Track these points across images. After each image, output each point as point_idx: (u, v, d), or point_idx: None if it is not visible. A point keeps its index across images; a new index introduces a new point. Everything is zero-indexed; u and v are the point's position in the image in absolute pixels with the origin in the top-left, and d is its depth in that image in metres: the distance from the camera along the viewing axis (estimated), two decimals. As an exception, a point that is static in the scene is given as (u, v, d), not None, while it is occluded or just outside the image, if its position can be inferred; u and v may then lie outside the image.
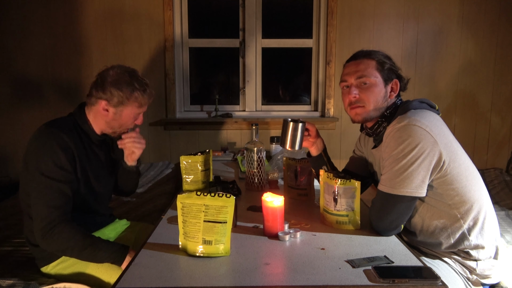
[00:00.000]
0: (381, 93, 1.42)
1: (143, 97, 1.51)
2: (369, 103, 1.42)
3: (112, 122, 1.54)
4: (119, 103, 1.49)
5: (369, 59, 1.43)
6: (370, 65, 1.42)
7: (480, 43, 3.31)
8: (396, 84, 1.44)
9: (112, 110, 1.50)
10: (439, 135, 1.28)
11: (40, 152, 1.41)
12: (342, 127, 3.39)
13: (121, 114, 1.52)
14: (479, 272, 1.35)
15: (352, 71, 1.44)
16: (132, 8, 3.21)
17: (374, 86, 1.41)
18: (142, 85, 1.50)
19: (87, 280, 1.48)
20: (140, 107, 1.54)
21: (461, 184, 1.31)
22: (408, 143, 1.25)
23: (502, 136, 3.43)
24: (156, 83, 3.28)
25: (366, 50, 1.47)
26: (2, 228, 2.07)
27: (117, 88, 1.47)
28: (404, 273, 1.04)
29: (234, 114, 3.42)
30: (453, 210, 1.32)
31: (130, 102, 1.50)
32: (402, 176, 1.26)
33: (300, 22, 3.51)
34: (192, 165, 1.80)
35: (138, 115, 1.57)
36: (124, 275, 1.05)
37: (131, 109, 1.52)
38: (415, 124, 1.26)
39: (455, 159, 1.30)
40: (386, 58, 1.44)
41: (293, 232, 1.30)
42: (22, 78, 3.25)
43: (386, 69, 1.42)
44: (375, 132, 1.46)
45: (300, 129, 1.54)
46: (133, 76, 1.50)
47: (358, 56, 1.46)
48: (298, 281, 1.02)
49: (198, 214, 1.15)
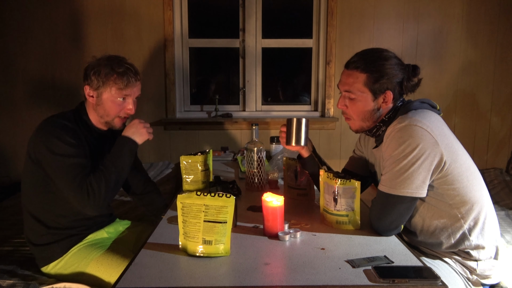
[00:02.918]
0: (367, 107, 1.40)
1: (122, 79, 1.52)
2: (356, 117, 1.43)
3: (98, 108, 1.57)
4: (98, 86, 1.53)
5: (361, 71, 1.38)
6: (359, 80, 1.38)
7: (480, 43, 3.31)
8: (389, 95, 1.38)
9: (94, 94, 1.54)
10: (440, 135, 1.27)
11: (47, 138, 1.46)
12: (342, 127, 3.39)
13: (101, 98, 1.54)
14: (479, 272, 1.35)
15: (343, 81, 1.43)
16: (132, 8, 3.21)
17: (359, 101, 1.40)
18: (121, 66, 1.52)
19: (87, 280, 1.48)
20: (121, 90, 1.53)
21: (462, 184, 1.30)
22: (408, 144, 1.25)
23: (502, 136, 3.43)
24: (156, 83, 3.28)
25: (365, 55, 1.41)
26: (2, 228, 2.07)
27: (96, 71, 1.51)
28: (404, 273, 1.04)
29: (234, 114, 3.42)
30: (453, 210, 1.32)
31: (109, 84, 1.52)
32: (403, 176, 1.26)
33: (300, 22, 3.51)
34: (192, 165, 1.80)
35: (123, 101, 1.56)
36: (124, 275, 1.05)
37: (110, 92, 1.53)
38: (416, 125, 1.26)
39: (456, 159, 1.29)
40: (382, 68, 1.36)
41: (293, 232, 1.30)
42: (22, 78, 3.25)
43: (377, 83, 1.37)
44: (374, 134, 1.47)
45: (304, 124, 1.55)
46: (113, 60, 1.53)
47: (353, 63, 1.40)
48: (298, 281, 1.02)
49: (198, 214, 1.15)
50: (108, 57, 1.55)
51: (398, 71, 1.38)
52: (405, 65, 1.42)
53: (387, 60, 1.38)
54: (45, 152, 1.45)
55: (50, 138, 1.45)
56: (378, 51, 1.41)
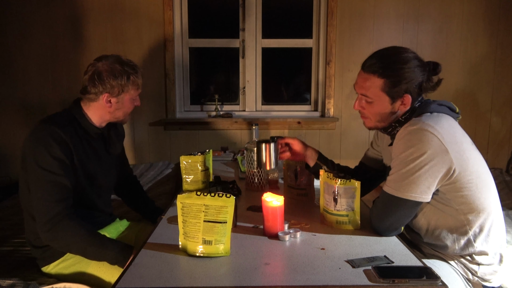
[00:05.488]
0: (385, 110, 1.35)
1: (138, 78, 1.57)
2: (373, 118, 1.39)
3: (116, 112, 1.58)
4: (120, 92, 1.53)
5: (378, 76, 1.31)
6: (376, 85, 1.32)
7: (480, 43, 3.31)
8: (408, 99, 1.32)
9: (114, 100, 1.54)
10: (451, 143, 1.23)
11: (36, 146, 1.43)
12: (342, 127, 3.39)
13: (123, 101, 1.56)
14: (480, 275, 1.34)
15: (359, 84, 1.37)
16: (132, 8, 3.21)
17: (376, 105, 1.35)
18: (133, 68, 1.56)
19: (87, 280, 1.47)
20: (138, 89, 1.59)
21: (470, 192, 1.27)
22: (417, 148, 1.22)
23: (502, 136, 3.43)
24: (156, 83, 3.28)
25: (383, 58, 1.33)
26: (2, 228, 2.07)
27: (114, 78, 1.51)
28: (404, 273, 1.04)
29: (234, 114, 3.42)
30: (460, 215, 1.30)
31: (129, 87, 1.55)
32: (408, 180, 1.24)
33: (300, 22, 3.51)
34: (192, 165, 1.80)
35: (136, 97, 1.62)
36: (124, 275, 1.05)
37: (130, 94, 1.57)
38: (427, 130, 1.22)
39: (466, 167, 1.25)
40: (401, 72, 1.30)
41: (293, 232, 1.30)
42: (22, 78, 3.25)
43: (396, 88, 1.31)
44: (390, 133, 1.42)
45: (273, 148, 1.58)
46: (122, 63, 1.54)
47: (370, 66, 1.33)
48: (298, 281, 1.02)
49: (198, 214, 1.15)
50: (113, 60, 1.53)
51: (417, 73, 1.32)
52: (425, 64, 1.35)
53: (406, 63, 1.31)
54: (31, 160, 1.42)
55: (38, 149, 1.41)
56: (396, 53, 1.33)
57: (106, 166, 1.67)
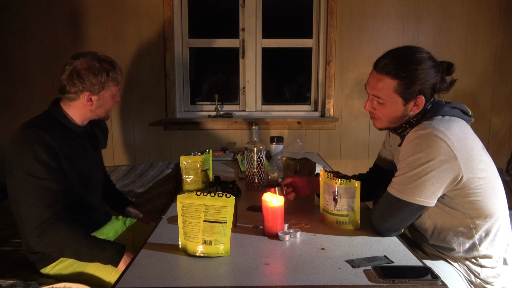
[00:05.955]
0: (397, 112, 1.33)
1: (117, 74, 1.57)
2: (384, 119, 1.37)
3: (98, 110, 1.58)
4: (101, 89, 1.53)
5: (391, 77, 1.28)
6: (389, 86, 1.29)
7: (480, 43, 3.31)
8: (421, 100, 1.30)
9: (95, 98, 1.54)
10: (460, 149, 1.22)
11: (21, 152, 1.40)
12: (342, 127, 3.39)
13: (104, 98, 1.56)
14: (483, 278, 1.34)
15: (371, 85, 1.34)
16: (132, 8, 3.21)
17: (389, 106, 1.33)
18: (111, 64, 1.55)
19: (87, 280, 1.47)
20: (118, 85, 1.59)
21: (478, 198, 1.27)
22: (426, 153, 1.21)
23: (502, 136, 3.43)
24: (156, 83, 3.28)
25: (396, 58, 1.29)
26: (2, 228, 2.07)
27: (94, 76, 1.50)
28: (404, 273, 1.04)
29: (234, 114, 3.42)
30: (467, 219, 1.30)
31: (109, 83, 1.54)
32: (414, 183, 1.23)
33: (300, 22, 3.51)
34: (192, 165, 1.80)
35: (116, 93, 1.62)
36: (124, 275, 1.05)
37: (110, 90, 1.57)
38: (437, 135, 1.21)
39: (475, 174, 1.24)
40: (415, 73, 1.27)
41: (293, 232, 1.30)
42: (22, 78, 3.25)
43: (409, 89, 1.28)
44: (400, 134, 1.40)
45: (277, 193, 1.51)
46: (100, 60, 1.53)
47: (383, 67, 1.30)
48: (298, 281, 1.02)
49: (198, 214, 1.15)
50: (91, 58, 1.52)
51: (432, 74, 1.29)
52: (439, 64, 1.33)
53: (420, 64, 1.28)
54: (17, 167, 1.40)
55: (24, 155, 1.39)
56: (410, 53, 1.30)
57: (94, 162, 1.68)
